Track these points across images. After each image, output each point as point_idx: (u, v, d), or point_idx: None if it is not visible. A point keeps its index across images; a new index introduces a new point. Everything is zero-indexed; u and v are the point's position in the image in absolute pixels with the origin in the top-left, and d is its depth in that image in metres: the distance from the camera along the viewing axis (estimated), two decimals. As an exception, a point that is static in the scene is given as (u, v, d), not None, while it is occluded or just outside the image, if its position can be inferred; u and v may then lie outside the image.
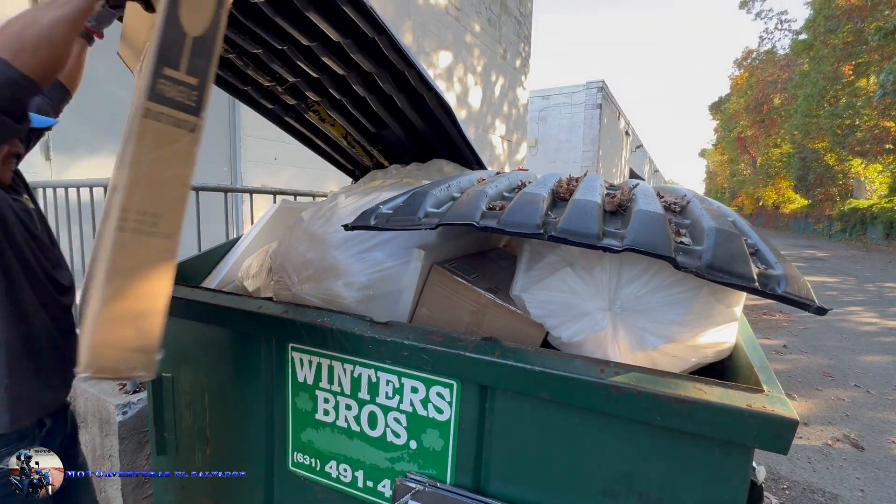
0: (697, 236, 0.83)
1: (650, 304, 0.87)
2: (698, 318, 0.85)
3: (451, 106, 1.56)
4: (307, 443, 1.22)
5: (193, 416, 1.41)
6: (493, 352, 0.94)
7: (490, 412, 0.99)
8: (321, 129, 2.00)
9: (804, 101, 20.71)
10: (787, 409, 0.74)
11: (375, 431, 1.13)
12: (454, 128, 1.66)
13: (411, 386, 1.06)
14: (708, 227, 0.83)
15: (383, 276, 1.20)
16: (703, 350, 0.90)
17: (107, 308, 0.69)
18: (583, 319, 0.93)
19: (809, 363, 4.48)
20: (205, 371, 1.37)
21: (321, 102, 1.80)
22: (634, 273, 0.88)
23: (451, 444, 1.04)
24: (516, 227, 0.83)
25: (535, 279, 1.02)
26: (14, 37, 0.77)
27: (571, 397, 0.87)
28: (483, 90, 6.89)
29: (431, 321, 1.22)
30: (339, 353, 1.13)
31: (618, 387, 0.82)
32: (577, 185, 1.06)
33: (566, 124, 15.55)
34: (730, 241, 0.78)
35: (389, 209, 1.01)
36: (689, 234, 0.85)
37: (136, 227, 0.70)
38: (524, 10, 8.12)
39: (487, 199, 0.95)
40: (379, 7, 4.92)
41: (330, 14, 1.31)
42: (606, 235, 0.80)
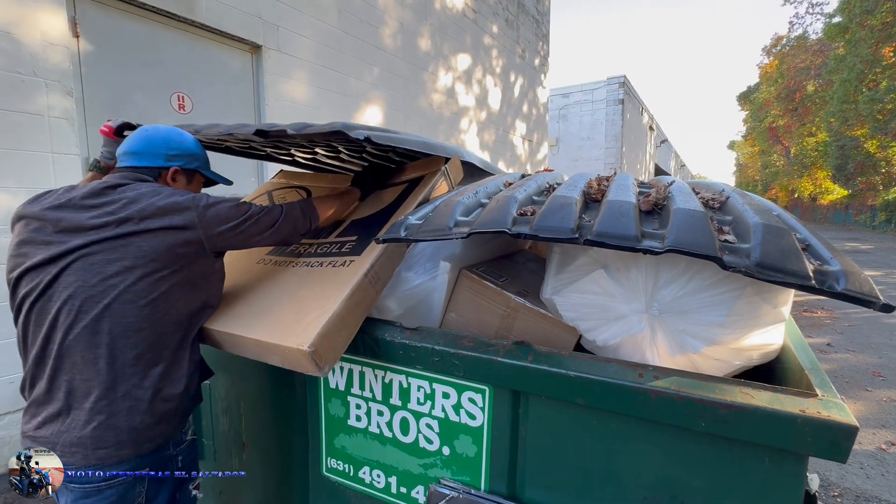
0: (742, 233, 0.79)
1: (690, 305, 0.84)
2: (743, 319, 0.81)
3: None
4: (340, 448, 1.23)
5: (230, 421, 1.45)
6: (526, 356, 0.93)
7: (524, 418, 0.98)
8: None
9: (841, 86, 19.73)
10: (845, 415, 0.70)
11: (408, 437, 1.12)
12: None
13: (443, 391, 1.06)
14: (753, 223, 0.79)
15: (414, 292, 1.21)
16: (747, 352, 0.86)
17: (337, 317, 1.00)
18: (619, 322, 0.91)
19: (857, 362, 4.24)
20: (240, 377, 1.40)
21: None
22: (673, 274, 0.85)
23: (485, 450, 1.02)
24: (550, 233, 0.81)
25: (566, 282, 1.00)
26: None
27: (609, 403, 0.84)
28: (502, 91, 6.85)
29: (461, 326, 1.21)
30: (371, 360, 1.13)
31: (658, 392, 0.79)
32: (608, 185, 1.03)
33: (587, 122, 15.28)
34: (779, 236, 0.73)
35: (418, 220, 1.00)
36: (733, 232, 0.81)
37: (372, 281, 1.10)
38: (542, 8, 8.05)
39: (517, 204, 0.93)
40: (397, 13, 4.93)
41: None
42: (645, 237, 0.78)
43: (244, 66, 3.38)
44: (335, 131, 0.99)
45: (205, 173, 1.22)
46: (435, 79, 5.35)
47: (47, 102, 2.35)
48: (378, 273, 1.12)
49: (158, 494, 1.01)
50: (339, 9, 4.03)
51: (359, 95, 4.30)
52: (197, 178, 1.21)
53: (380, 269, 1.12)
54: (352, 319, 1.05)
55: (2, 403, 2.33)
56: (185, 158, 1.16)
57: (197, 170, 1.20)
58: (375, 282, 1.11)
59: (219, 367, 1.45)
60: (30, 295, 0.94)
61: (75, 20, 2.46)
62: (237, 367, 1.41)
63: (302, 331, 0.97)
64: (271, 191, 1.81)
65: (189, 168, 1.17)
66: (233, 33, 3.19)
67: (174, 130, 1.17)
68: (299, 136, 1.06)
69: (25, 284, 0.95)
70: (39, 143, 2.34)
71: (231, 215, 1.03)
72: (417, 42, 5.04)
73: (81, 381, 0.92)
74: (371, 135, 1.04)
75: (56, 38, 2.37)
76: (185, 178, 1.17)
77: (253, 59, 3.42)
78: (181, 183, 1.16)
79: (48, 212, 0.97)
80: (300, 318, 1.02)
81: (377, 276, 1.12)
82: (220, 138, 1.36)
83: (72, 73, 2.44)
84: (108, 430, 0.91)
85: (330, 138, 1.03)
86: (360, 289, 1.05)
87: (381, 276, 1.13)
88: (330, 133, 1.01)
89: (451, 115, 5.70)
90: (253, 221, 1.07)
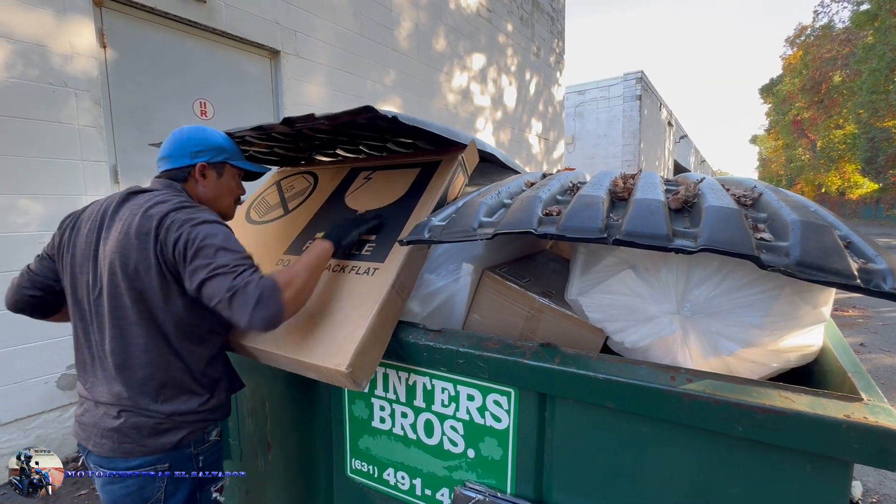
0: (779, 231, 0.76)
1: (724, 306, 0.81)
2: (781, 319, 0.78)
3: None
4: (364, 450, 1.24)
5: (255, 423, 1.47)
6: (553, 358, 0.91)
7: (550, 421, 0.96)
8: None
9: (870, 76, 18.99)
10: (894, 420, 0.66)
11: (432, 439, 1.12)
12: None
13: (467, 394, 1.05)
14: (791, 220, 0.76)
15: (435, 295, 1.21)
16: (785, 354, 0.83)
17: (371, 332, 1.02)
18: (648, 324, 0.88)
19: (893, 363, 4.07)
20: (265, 380, 1.42)
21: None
22: (705, 274, 0.82)
23: (511, 453, 1.01)
24: (577, 233, 0.80)
25: (592, 282, 0.98)
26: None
27: (639, 406, 0.82)
28: (518, 90, 6.81)
29: (484, 328, 1.20)
30: (395, 362, 1.13)
31: (692, 395, 0.77)
32: (634, 183, 1.00)
33: (604, 118, 15.07)
34: (819, 233, 0.70)
35: (441, 221, 1.00)
36: (769, 229, 0.78)
37: (398, 291, 1.11)
38: (556, 5, 7.97)
39: (542, 204, 0.92)
40: (411, 14, 4.94)
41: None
42: (677, 236, 0.75)
43: (263, 72, 3.43)
44: (364, 108, 0.98)
45: (235, 164, 1.22)
46: (450, 79, 5.35)
47: (77, 112, 2.42)
48: (403, 282, 1.13)
49: (177, 492, 1.03)
50: (355, 12, 4.06)
51: (375, 97, 4.32)
52: (227, 170, 1.20)
53: (405, 279, 1.14)
54: (383, 333, 1.07)
55: (38, 403, 2.42)
56: (211, 152, 1.16)
57: (226, 161, 1.19)
58: (402, 291, 1.13)
59: (245, 370, 1.47)
60: None
61: (103, 31, 2.54)
62: (262, 369, 1.42)
63: (337, 350, 1.00)
64: (280, 180, 1.78)
65: (216, 161, 1.17)
66: (252, 39, 3.25)
67: (198, 128, 1.18)
68: (326, 120, 1.06)
69: None
70: (70, 152, 2.41)
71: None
72: (432, 43, 5.05)
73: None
74: (398, 115, 1.03)
75: (84, 49, 2.44)
76: (214, 172, 1.17)
77: (272, 64, 3.47)
78: (211, 178, 1.17)
79: None
80: (334, 335, 1.04)
81: (403, 286, 1.13)
82: (245, 141, 1.38)
83: (99, 83, 2.52)
84: (133, 427, 0.97)
85: (358, 116, 1.02)
86: (389, 303, 1.08)
87: (406, 285, 1.15)
88: (359, 111, 1.00)
89: (467, 115, 5.69)
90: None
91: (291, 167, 1.88)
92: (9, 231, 2.25)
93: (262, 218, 1.63)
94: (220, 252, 0.93)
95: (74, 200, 2.42)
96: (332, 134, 1.38)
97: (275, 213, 1.61)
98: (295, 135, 1.38)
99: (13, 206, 2.26)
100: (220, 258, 0.92)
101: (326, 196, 1.55)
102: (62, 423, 2.51)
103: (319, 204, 1.53)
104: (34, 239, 2.31)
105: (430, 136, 1.26)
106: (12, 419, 2.34)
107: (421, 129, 1.15)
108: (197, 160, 1.15)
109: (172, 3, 2.77)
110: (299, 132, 1.33)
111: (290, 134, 1.34)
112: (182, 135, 1.16)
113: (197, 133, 1.17)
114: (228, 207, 1.25)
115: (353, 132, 1.37)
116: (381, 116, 1.00)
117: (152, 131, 2.74)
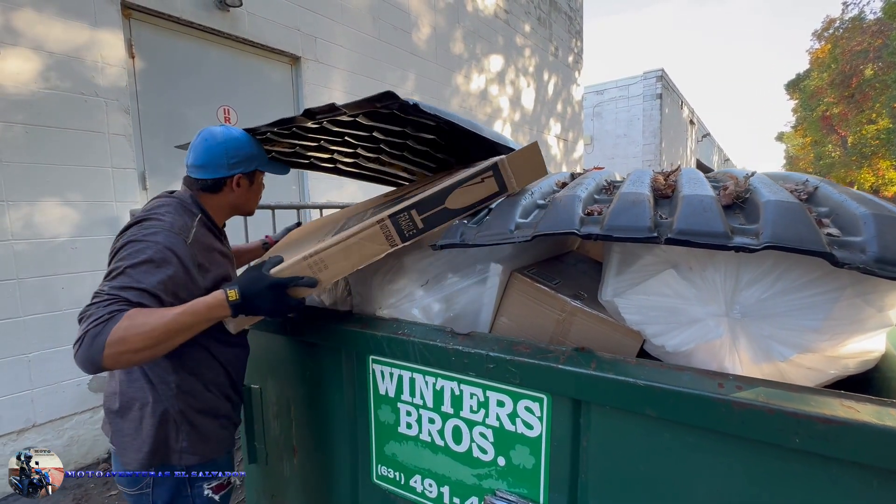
0: (847, 225, 0.71)
1: (778, 308, 0.76)
2: (842, 323, 0.72)
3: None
4: (391, 456, 1.21)
5: (280, 426, 1.46)
6: (589, 363, 0.87)
7: (585, 428, 0.92)
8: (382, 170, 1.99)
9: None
10: (975, 433, 0.60)
11: (460, 446, 1.09)
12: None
13: (497, 399, 1.02)
14: (861, 213, 0.70)
15: (461, 296, 1.18)
16: (843, 361, 0.77)
17: (341, 249, 1.03)
18: (693, 326, 0.83)
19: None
20: (290, 383, 1.41)
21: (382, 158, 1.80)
22: (756, 273, 0.77)
23: (543, 461, 0.97)
24: (624, 232, 0.76)
25: (630, 283, 0.94)
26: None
27: (684, 414, 0.77)
28: (536, 90, 6.75)
29: (512, 331, 1.16)
30: (421, 366, 1.11)
31: (743, 403, 0.72)
32: (676, 179, 0.96)
33: (623, 118, 14.83)
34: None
35: (475, 223, 0.97)
36: (835, 224, 0.73)
37: (360, 238, 1.05)
38: (574, 4, 7.88)
39: (582, 203, 0.88)
40: (429, 18, 4.95)
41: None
42: (735, 233, 0.71)
43: (284, 78, 3.48)
44: (385, 93, 0.96)
45: (263, 169, 1.28)
46: (468, 81, 5.33)
47: (107, 120, 2.49)
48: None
49: (161, 487, 1.06)
50: (374, 17, 4.09)
51: (394, 101, 4.34)
52: (257, 176, 1.27)
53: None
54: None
55: (71, 404, 2.48)
56: (245, 162, 1.20)
57: (257, 169, 1.24)
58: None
59: (269, 373, 1.47)
60: None
61: (131, 41, 2.61)
62: (287, 372, 1.42)
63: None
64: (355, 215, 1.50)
65: (250, 171, 1.22)
66: (273, 46, 3.30)
67: (228, 132, 1.20)
68: (347, 108, 1.05)
69: None
70: (100, 159, 2.48)
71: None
72: (450, 46, 5.05)
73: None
74: (420, 103, 1.01)
75: (114, 59, 2.52)
76: (247, 180, 1.23)
77: (292, 70, 3.52)
78: (244, 186, 1.22)
79: None
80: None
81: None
82: (267, 139, 1.38)
83: (128, 92, 2.58)
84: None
85: (378, 104, 1.01)
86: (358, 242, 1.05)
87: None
88: (380, 97, 0.98)
89: (486, 116, 5.66)
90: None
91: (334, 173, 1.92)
92: (42, 238, 2.33)
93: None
94: (111, 273, 0.90)
95: (105, 206, 2.49)
96: (353, 128, 1.37)
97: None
98: (317, 131, 1.38)
99: (47, 212, 2.34)
100: (105, 280, 0.89)
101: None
102: (93, 424, 2.57)
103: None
104: (66, 245, 2.38)
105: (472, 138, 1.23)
106: (47, 420, 2.40)
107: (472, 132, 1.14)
108: (234, 172, 1.18)
109: (197, 12, 2.83)
110: (321, 127, 1.33)
111: (312, 129, 1.34)
112: (216, 142, 1.17)
113: (231, 142, 1.18)
114: (254, 206, 1.31)
115: (373, 130, 1.36)
116: (404, 103, 0.99)
117: (179, 138, 2.80)
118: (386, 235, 1.05)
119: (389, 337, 1.11)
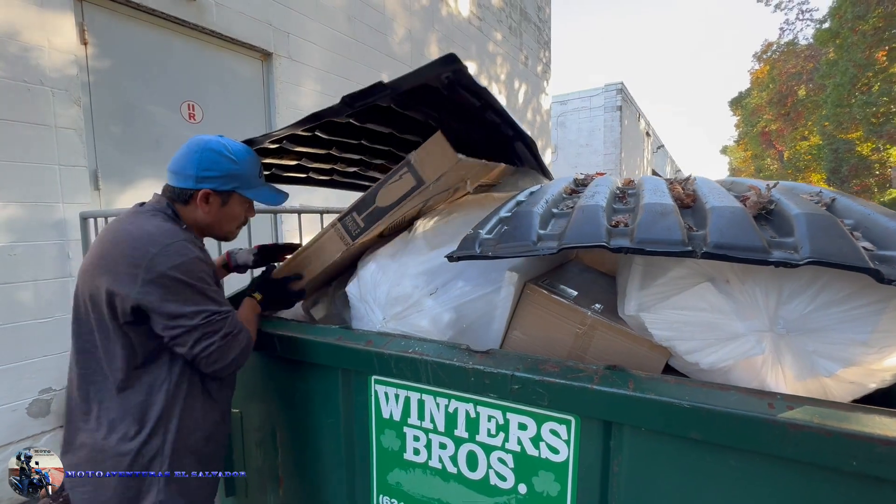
0: (880, 240, 0.69)
1: (823, 322, 0.73)
2: (889, 336, 0.71)
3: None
4: (395, 485, 1.11)
5: (264, 455, 1.32)
6: (625, 383, 0.81)
7: (616, 452, 0.86)
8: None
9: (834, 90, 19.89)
10: None
11: (476, 473, 1.01)
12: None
13: (518, 422, 0.94)
14: (893, 227, 0.69)
15: (472, 306, 1.10)
16: (882, 374, 0.76)
17: (314, 250, 1.31)
18: (732, 343, 0.80)
19: None
20: (276, 407, 1.28)
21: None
22: (797, 286, 0.74)
23: (570, 488, 0.91)
24: (658, 246, 0.71)
25: (658, 297, 0.89)
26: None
27: (733, 438, 0.73)
28: (507, 98, 6.81)
29: (526, 346, 1.10)
30: (432, 387, 1.02)
31: (798, 425, 0.68)
32: (693, 188, 0.93)
33: (586, 128, 15.33)
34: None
35: (489, 234, 0.90)
36: (865, 237, 0.71)
37: (335, 236, 1.27)
38: (542, 15, 8.05)
39: (605, 213, 0.83)
40: (405, 20, 4.87)
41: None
42: (773, 247, 0.67)
43: (254, 74, 3.29)
44: (449, 55, 0.95)
45: (244, 194, 1.11)
46: (442, 86, 5.29)
47: (54, 112, 2.24)
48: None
49: None
50: (349, 16, 3.96)
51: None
52: (235, 198, 1.11)
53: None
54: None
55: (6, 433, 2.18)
56: (219, 180, 1.05)
57: (234, 191, 1.09)
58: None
59: (253, 396, 1.33)
60: None
61: (83, 26, 2.36)
62: (273, 395, 1.29)
63: None
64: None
65: (223, 190, 1.07)
66: (243, 40, 3.11)
67: (215, 145, 1.06)
68: (402, 82, 0.99)
69: None
70: (46, 155, 2.22)
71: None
72: (424, 49, 4.99)
73: None
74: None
75: (63, 45, 2.27)
76: (219, 199, 1.08)
77: (263, 66, 3.33)
78: (214, 205, 1.07)
79: None
80: None
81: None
82: (271, 152, 1.28)
83: (79, 82, 2.33)
84: None
85: (443, 70, 0.98)
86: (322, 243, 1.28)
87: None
88: (443, 60, 0.97)
89: (459, 122, 5.63)
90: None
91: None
92: (-25, 242, 2.04)
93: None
94: (187, 300, 0.99)
95: (51, 208, 2.23)
96: (342, 135, 1.28)
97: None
98: (325, 141, 1.28)
99: (-20, 214, 2.05)
100: (186, 306, 0.98)
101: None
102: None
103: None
104: (4, 251, 2.10)
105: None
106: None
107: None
108: (201, 186, 1.04)
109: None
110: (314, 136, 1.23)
111: (320, 139, 1.25)
112: (193, 151, 1.04)
113: (210, 154, 1.04)
114: (229, 232, 1.17)
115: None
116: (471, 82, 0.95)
117: (136, 135, 2.56)
118: (340, 236, 1.25)
119: (398, 356, 1.01)
